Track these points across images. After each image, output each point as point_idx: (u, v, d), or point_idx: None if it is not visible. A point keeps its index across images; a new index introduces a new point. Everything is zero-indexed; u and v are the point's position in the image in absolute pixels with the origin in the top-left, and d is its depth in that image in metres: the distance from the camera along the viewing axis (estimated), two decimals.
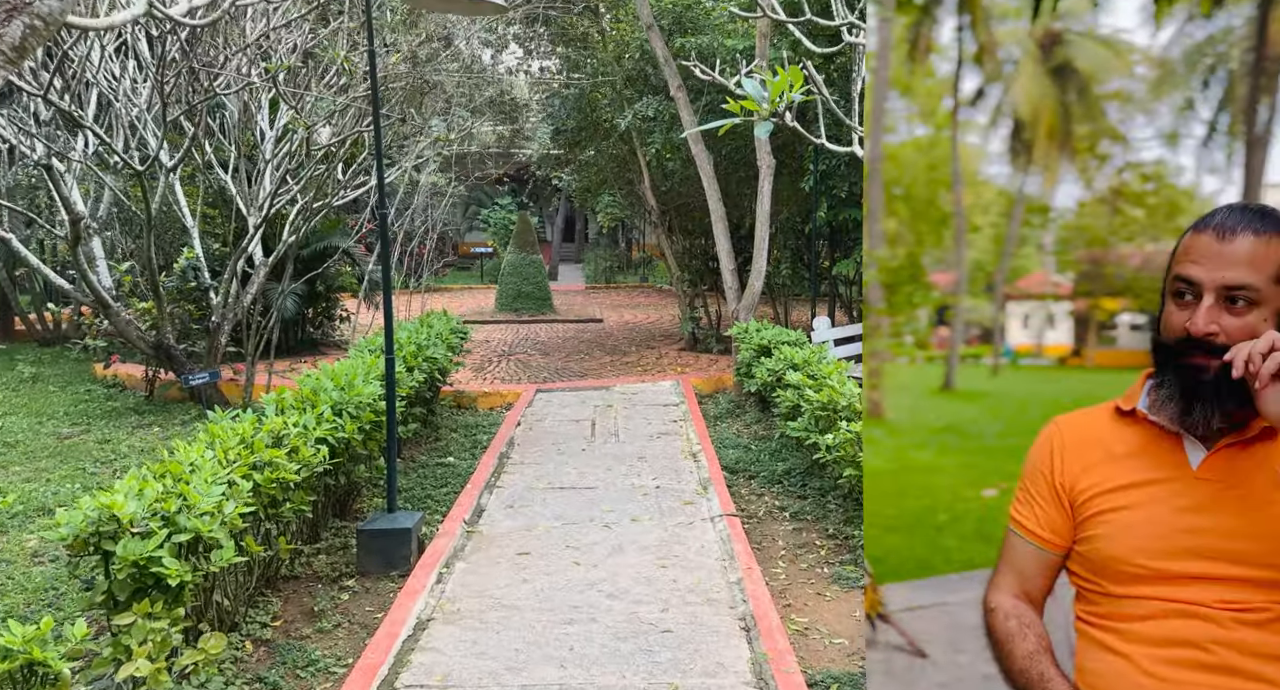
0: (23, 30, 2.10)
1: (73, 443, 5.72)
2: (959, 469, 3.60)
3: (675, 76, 7.84)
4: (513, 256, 15.58)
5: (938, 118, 2.21)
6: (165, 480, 2.85)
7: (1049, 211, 2.35)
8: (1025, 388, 2.82)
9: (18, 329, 9.94)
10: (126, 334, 6.33)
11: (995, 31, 2.18)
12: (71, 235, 5.69)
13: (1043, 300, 2.56)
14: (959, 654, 2.22)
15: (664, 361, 10.05)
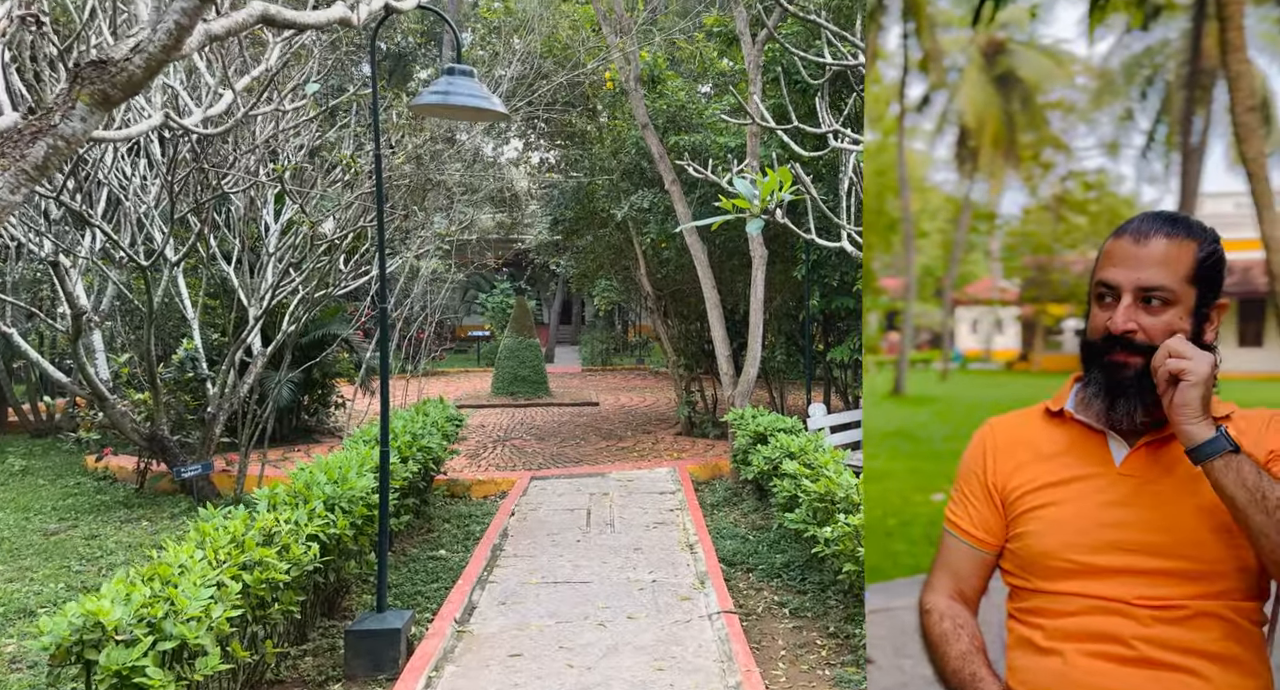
0: (46, 150, 2.22)
1: (59, 539, 5.63)
2: (908, 474, 3.58)
3: (670, 172, 8.14)
4: (510, 340, 15.72)
5: (885, 124, 2.24)
6: (153, 583, 2.81)
7: (995, 218, 2.40)
8: (974, 392, 2.85)
9: (10, 420, 9.90)
10: (121, 426, 6.32)
11: (940, 39, 2.24)
12: (73, 329, 5.76)
13: (990, 306, 2.61)
14: (904, 658, 2.19)
15: (660, 446, 10.01)
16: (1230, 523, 1.28)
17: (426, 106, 4.08)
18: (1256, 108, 1.93)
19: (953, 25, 2.32)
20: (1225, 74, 1.95)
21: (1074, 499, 1.40)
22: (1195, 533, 1.31)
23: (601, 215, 10.85)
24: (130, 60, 2.28)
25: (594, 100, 10.51)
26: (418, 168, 8.05)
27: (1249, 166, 1.92)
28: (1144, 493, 1.36)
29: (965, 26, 2.31)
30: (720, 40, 9.47)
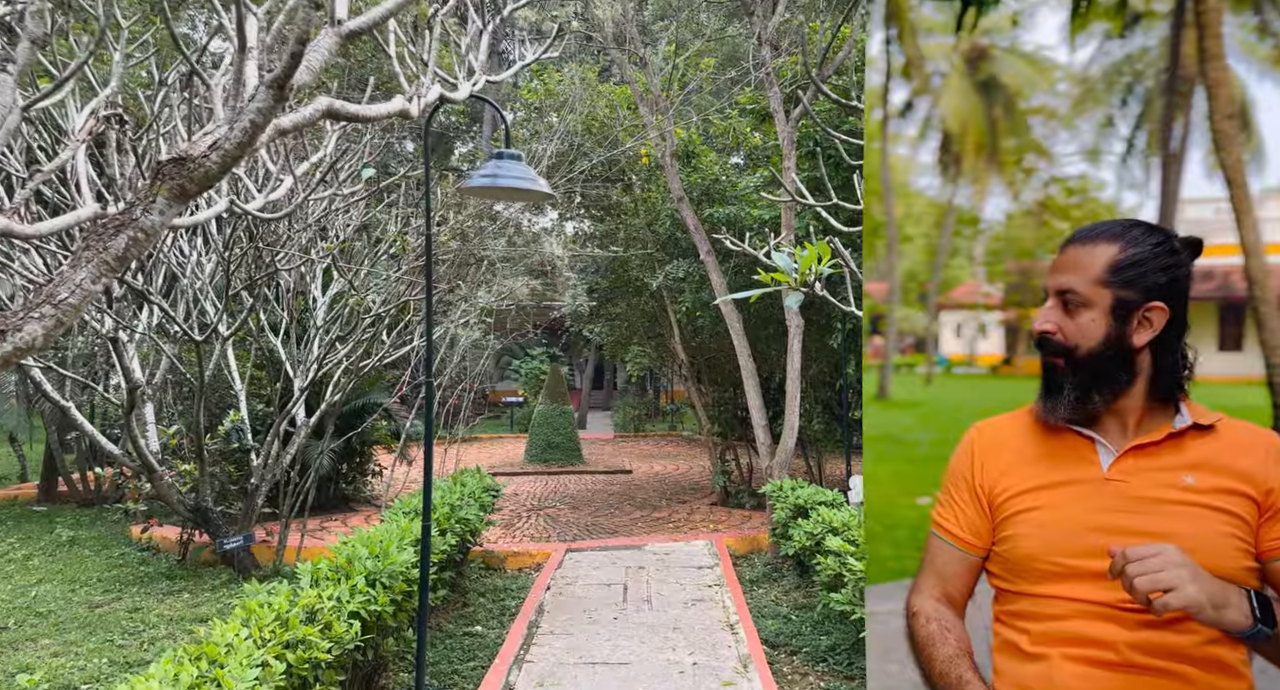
0: (127, 242, 2.34)
1: (104, 612, 5.66)
2: (893, 478, 3.50)
3: (704, 242, 8.27)
4: (543, 407, 15.79)
5: (868, 129, 2.26)
6: (200, 663, 2.81)
7: (979, 223, 2.38)
8: (958, 396, 2.81)
9: (60, 489, 10.10)
10: (168, 498, 6.42)
11: (923, 45, 2.27)
12: (128, 402, 5.93)
13: (974, 310, 2.59)
14: (889, 663, 2.18)
15: (695, 517, 9.86)
16: (1218, 530, 1.32)
17: (476, 188, 4.24)
18: (1235, 115, 1.95)
19: (935, 31, 2.37)
20: (1204, 81, 1.98)
21: (1061, 503, 1.41)
22: (1181, 539, 1.29)
23: (635, 284, 11.01)
24: (208, 157, 2.42)
25: (629, 174, 10.80)
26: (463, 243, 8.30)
27: (1228, 173, 1.94)
28: (1131, 498, 1.37)
29: (948, 33, 2.36)
30: (753, 117, 9.75)
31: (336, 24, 2.62)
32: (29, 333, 2.15)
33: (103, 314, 5.80)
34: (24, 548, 7.43)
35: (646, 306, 11.47)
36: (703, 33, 10.59)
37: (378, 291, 7.20)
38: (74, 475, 9.99)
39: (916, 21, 2.37)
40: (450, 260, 8.49)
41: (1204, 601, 1.23)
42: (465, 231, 8.33)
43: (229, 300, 6.01)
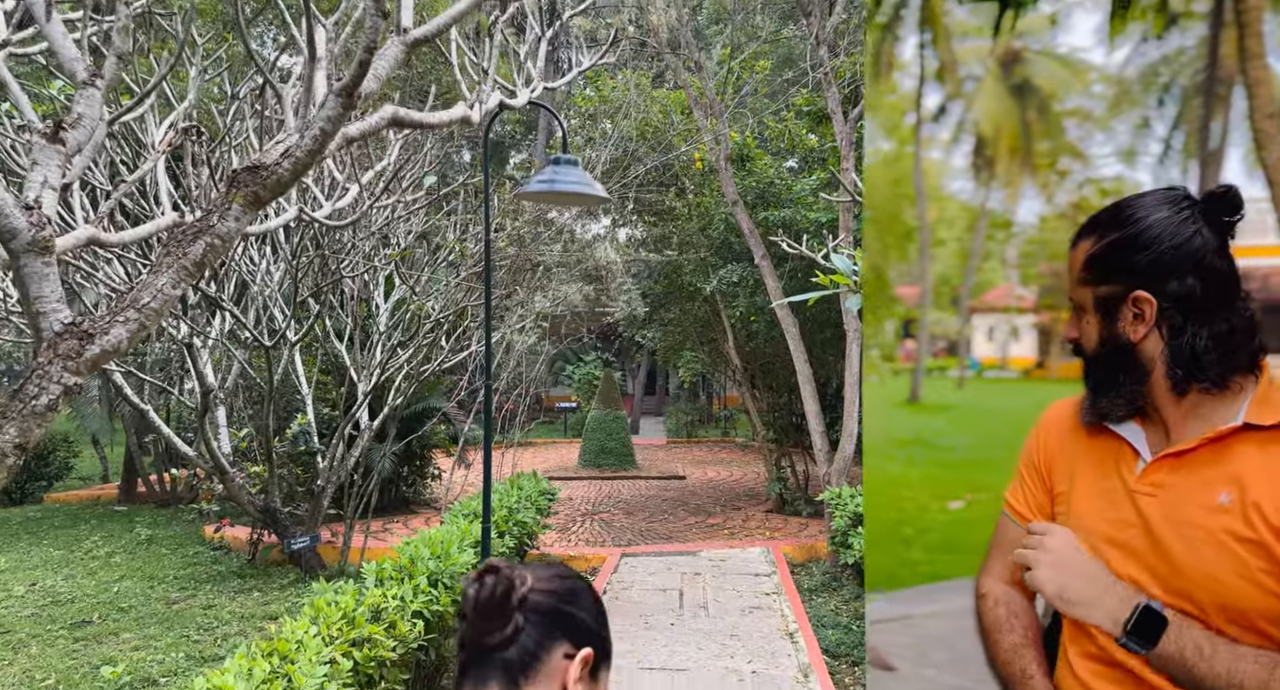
0: (204, 248, 2.43)
1: (180, 608, 5.88)
2: (925, 481, 3.41)
3: (759, 246, 8.20)
4: (597, 413, 15.86)
5: (901, 133, 2.23)
6: (272, 659, 2.88)
7: (1012, 226, 2.33)
8: (991, 400, 2.76)
9: (139, 490, 10.55)
10: (238, 499, 6.64)
11: (956, 49, 2.22)
12: (201, 406, 6.16)
13: (1007, 313, 2.54)
14: (925, 667, 2.15)
15: (751, 524, 9.75)
16: (1241, 564, 1.14)
17: (534, 193, 4.28)
18: (1276, 114, 1.88)
19: (969, 35, 2.35)
20: (1244, 80, 1.92)
21: (1084, 512, 1.33)
22: (1205, 564, 1.16)
23: (689, 289, 10.98)
24: (280, 164, 2.49)
25: (683, 179, 10.79)
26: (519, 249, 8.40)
27: (1269, 172, 1.87)
28: (1154, 515, 1.24)
29: (982, 36, 2.32)
30: (810, 119, 9.64)
31: (402, 33, 2.68)
32: (115, 336, 2.24)
33: (178, 320, 6.03)
34: (106, 546, 7.77)
35: (700, 311, 11.43)
36: (758, 35, 10.53)
37: (437, 298, 7.34)
38: (151, 477, 10.43)
39: (951, 26, 2.36)
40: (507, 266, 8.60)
41: (1053, 593, 1.18)
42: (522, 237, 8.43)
43: (296, 307, 6.19)
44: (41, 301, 2.13)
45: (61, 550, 7.60)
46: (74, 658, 4.83)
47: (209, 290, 5.60)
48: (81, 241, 2.67)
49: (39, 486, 10.80)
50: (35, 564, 7.11)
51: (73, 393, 2.17)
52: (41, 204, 2.19)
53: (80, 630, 5.33)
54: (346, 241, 6.33)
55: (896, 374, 2.69)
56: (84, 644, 5.08)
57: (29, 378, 2.11)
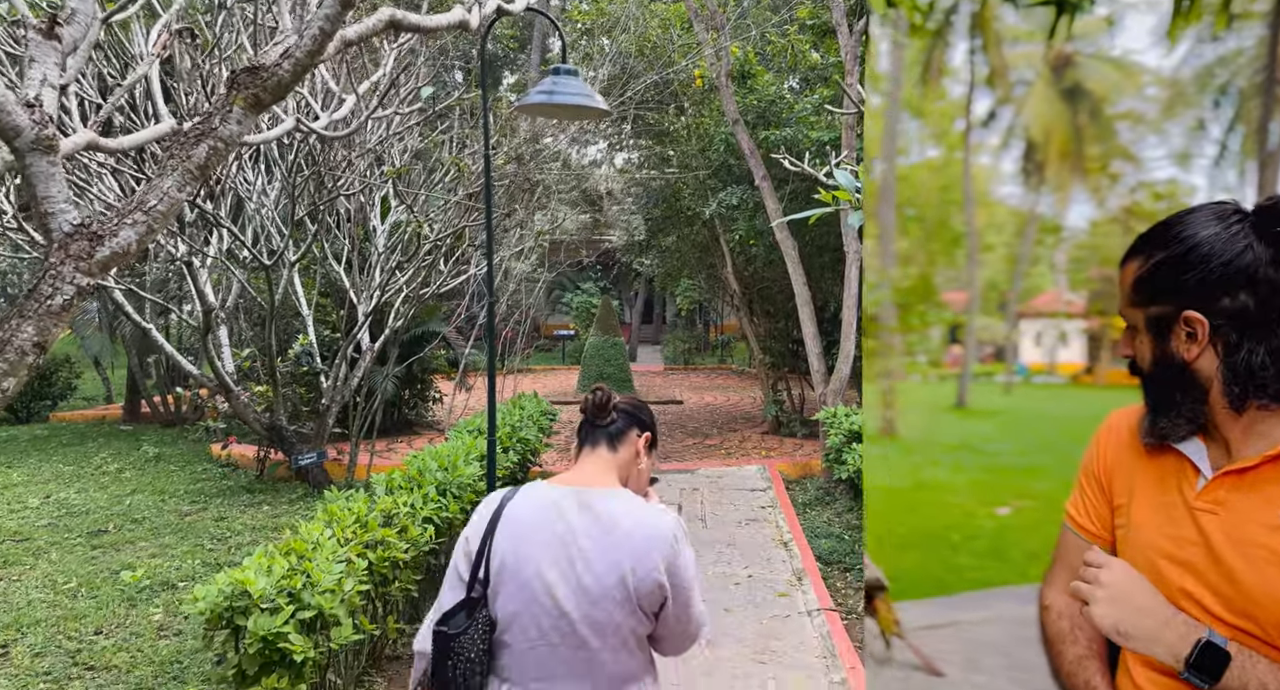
0: (207, 151, 2.41)
1: (192, 520, 6.05)
2: (972, 487, 3.34)
3: (760, 167, 8.10)
4: (595, 339, 15.95)
5: (950, 139, 2.24)
6: (290, 558, 3.00)
7: (1061, 231, 2.34)
8: (1038, 406, 2.76)
9: (143, 411, 10.69)
10: (244, 416, 6.75)
11: (1007, 54, 2.21)
12: (204, 325, 6.19)
13: (1055, 318, 2.54)
14: (976, 673, 2.16)
15: (747, 445, 9.97)
16: None
17: (533, 106, 4.20)
18: None
19: (1020, 40, 2.32)
20: None
21: (1144, 526, 1.29)
22: (1268, 584, 1.13)
23: (688, 214, 10.87)
24: (280, 66, 2.45)
25: (682, 97, 10.55)
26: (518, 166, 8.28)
27: None
28: (1216, 533, 1.20)
29: (1033, 41, 2.29)
30: (813, 33, 9.36)
31: None
32: (124, 238, 2.25)
33: (176, 238, 6.00)
34: (115, 462, 7.93)
35: (698, 237, 11.35)
36: None
37: (435, 219, 7.28)
38: (155, 398, 10.55)
39: (1001, 31, 2.30)
40: (505, 186, 8.50)
41: (1110, 627, 1.15)
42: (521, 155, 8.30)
43: (294, 227, 6.15)
44: (49, 201, 2.13)
45: (71, 466, 7.76)
46: (93, 564, 5.01)
47: (206, 207, 5.55)
48: (81, 145, 2.64)
49: (44, 406, 10.93)
50: (47, 478, 7.27)
51: (86, 294, 2.19)
52: (42, 102, 2.16)
53: (97, 539, 5.51)
54: (342, 159, 6.24)
55: (943, 379, 2.67)
56: (102, 551, 5.26)
57: (42, 278, 2.13)
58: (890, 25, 2.16)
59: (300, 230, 7.19)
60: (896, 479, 2.98)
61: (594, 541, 1.48)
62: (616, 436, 1.70)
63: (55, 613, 4.22)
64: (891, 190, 2.51)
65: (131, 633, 4.01)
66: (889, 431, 3.62)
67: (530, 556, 1.48)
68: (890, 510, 3.72)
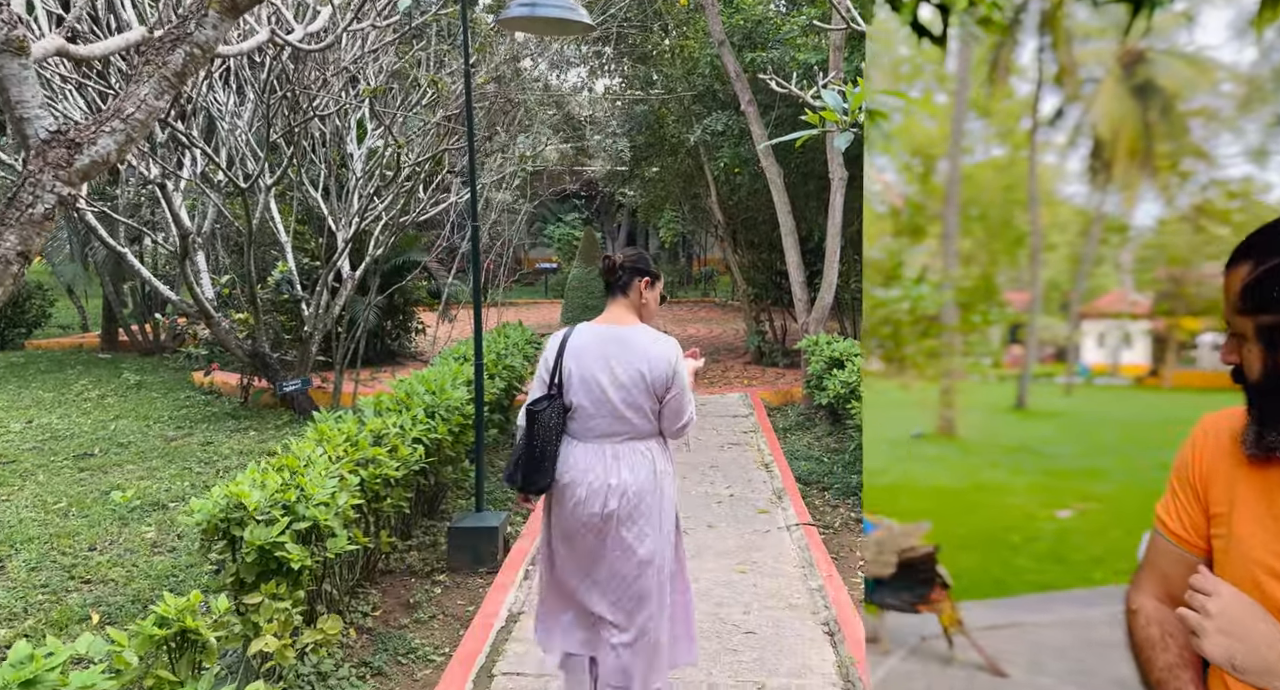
0: (184, 58, 2.33)
1: (178, 445, 6.09)
2: (1032, 489, 3.52)
3: (746, 91, 7.95)
4: (578, 271, 15.87)
5: (1015, 138, 2.23)
6: (283, 473, 3.05)
7: (1128, 230, 2.33)
8: (1100, 408, 2.79)
9: (121, 340, 10.58)
10: (226, 343, 6.71)
11: (1077, 51, 2.17)
12: (180, 249, 6.09)
13: (1119, 319, 2.54)
14: (1041, 675, 2.24)
15: (730, 374, 10.09)
16: None
17: (514, 20, 4.07)
18: None
19: (1091, 37, 2.24)
20: None
21: (1245, 537, 1.24)
22: None
23: (671, 141, 10.70)
24: None
25: (666, 17, 10.24)
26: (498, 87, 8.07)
27: None
28: None
29: (1104, 38, 2.21)
30: None
31: None
32: (103, 146, 2.20)
33: (147, 159, 5.84)
34: (97, 389, 7.91)
35: (682, 166, 11.20)
36: None
37: (413, 143, 7.12)
38: (133, 327, 10.44)
39: (1071, 28, 2.19)
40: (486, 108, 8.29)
41: (1223, 659, 1.10)
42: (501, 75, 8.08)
43: (269, 150, 5.99)
44: (23, 106, 2.07)
45: (52, 393, 7.73)
46: (81, 485, 5.06)
47: (178, 127, 5.38)
48: (50, 51, 2.54)
49: (18, 333, 10.79)
50: (27, 404, 7.25)
51: (67, 203, 2.16)
52: (9, 2, 2.08)
53: (84, 462, 5.55)
54: (316, 79, 6.04)
55: (1003, 380, 2.63)
56: (89, 474, 5.30)
57: (21, 186, 2.09)
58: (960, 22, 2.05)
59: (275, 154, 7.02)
60: (955, 479, 2.98)
61: (624, 357, 2.38)
62: (626, 286, 2.49)
63: (48, 531, 4.29)
64: (956, 190, 2.50)
65: (125, 549, 4.09)
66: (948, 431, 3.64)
67: (588, 368, 2.39)
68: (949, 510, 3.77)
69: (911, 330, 4.50)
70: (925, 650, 2.47)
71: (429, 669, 3.07)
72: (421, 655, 3.16)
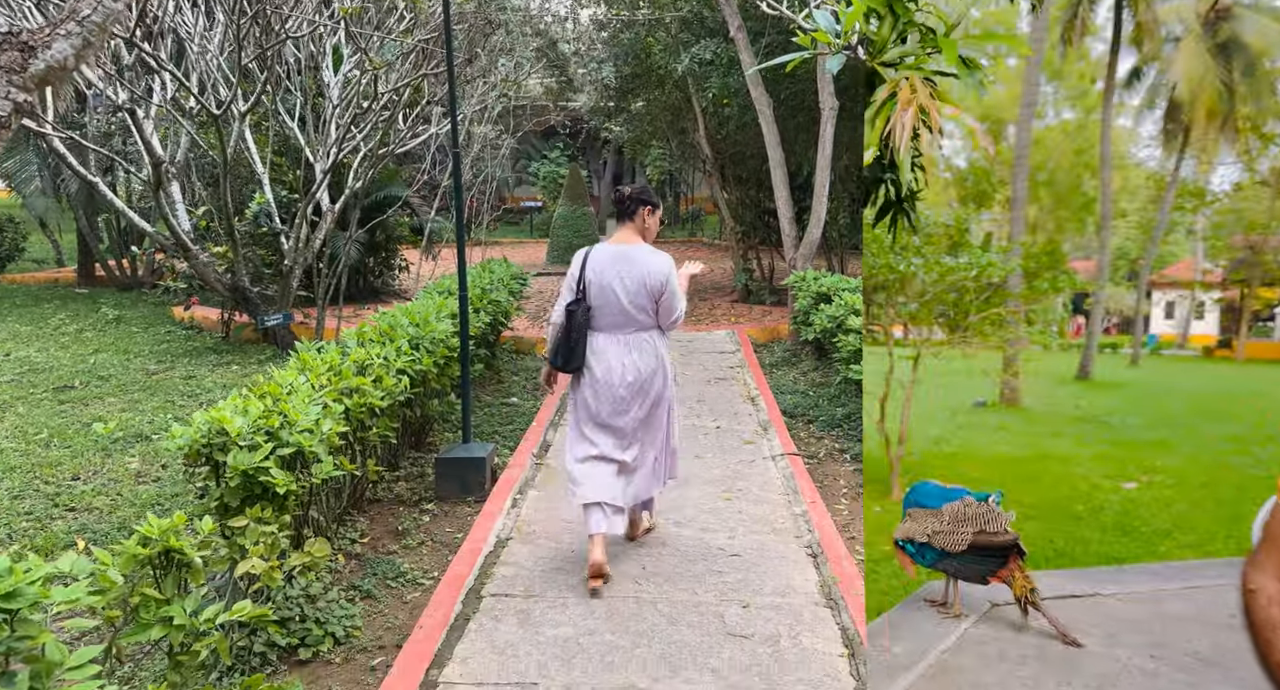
0: None
1: (160, 378, 6.03)
2: (1096, 460, 3.38)
3: (735, 16, 7.70)
4: (564, 209, 15.64)
5: (1088, 101, 2.16)
6: (266, 400, 3.02)
7: (1204, 195, 2.25)
8: (1167, 379, 2.76)
9: (98, 275, 10.38)
10: (205, 276, 6.59)
11: (1157, 8, 2.07)
12: (154, 179, 5.91)
13: (1190, 288, 2.48)
14: (1117, 647, 2.20)
15: (717, 312, 10.08)
16: None
17: None
18: None
19: None
20: None
21: None
22: None
23: (659, 72, 10.40)
24: None
25: None
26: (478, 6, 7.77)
27: None
28: None
29: None
30: None
31: None
32: (59, 51, 2.08)
33: (115, 84, 5.61)
34: (75, 323, 7.78)
35: (670, 98, 10.93)
36: None
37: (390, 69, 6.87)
38: (110, 262, 10.23)
39: None
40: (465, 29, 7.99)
41: None
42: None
43: (241, 75, 5.76)
44: None
45: (29, 326, 7.61)
46: (62, 417, 5.01)
47: (145, 48, 5.15)
48: None
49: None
50: (3, 337, 7.14)
51: (23, 111, 2.05)
52: None
53: (64, 394, 5.49)
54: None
55: (1066, 349, 2.58)
56: (70, 406, 5.25)
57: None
58: None
59: (249, 81, 6.76)
60: (1018, 448, 2.97)
61: (630, 269, 3.09)
62: (634, 213, 3.20)
63: (29, 460, 4.26)
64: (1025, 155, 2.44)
65: (109, 479, 4.07)
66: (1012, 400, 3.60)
67: (604, 278, 3.10)
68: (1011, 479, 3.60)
69: (976, 298, 4.51)
70: (996, 617, 2.44)
71: (418, 592, 3.10)
72: (410, 579, 3.19)
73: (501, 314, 6.36)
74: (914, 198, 1.87)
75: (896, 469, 5.31)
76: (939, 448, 6.27)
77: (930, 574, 2.53)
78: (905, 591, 3.10)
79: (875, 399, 4.78)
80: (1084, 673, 2.04)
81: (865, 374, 5.06)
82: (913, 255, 5.14)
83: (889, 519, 4.28)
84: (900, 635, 2.37)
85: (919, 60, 1.66)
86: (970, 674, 2.07)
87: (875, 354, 4.79)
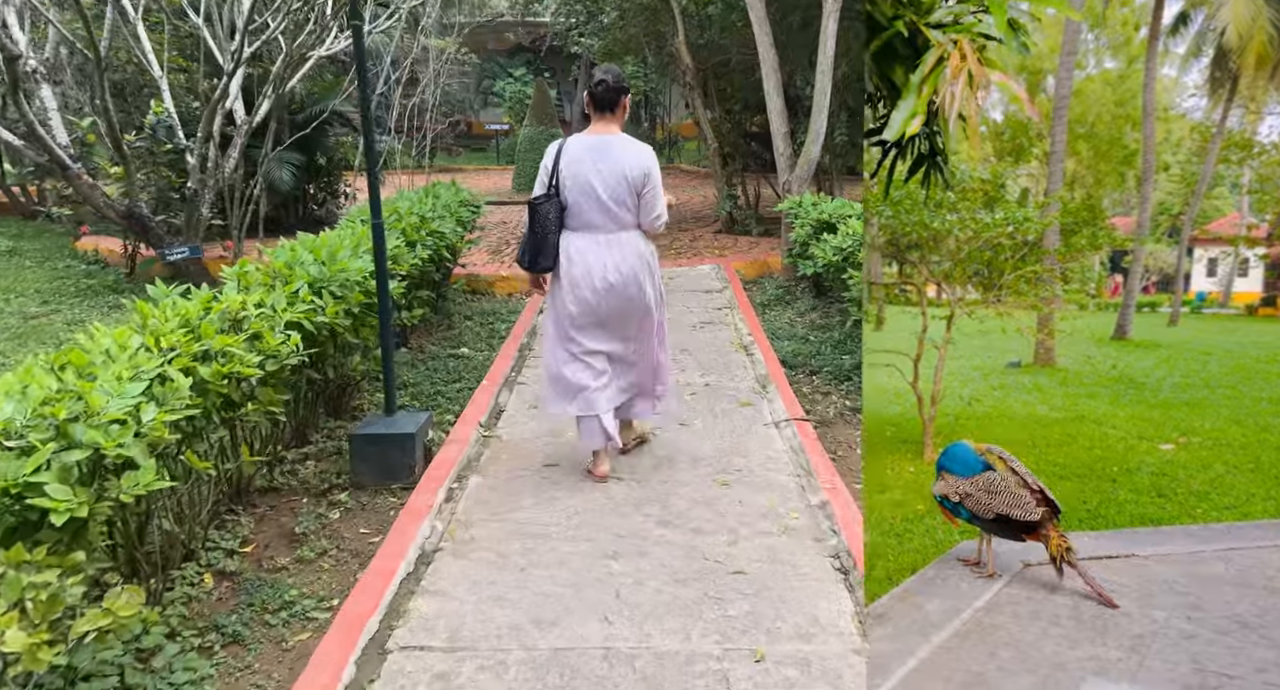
0: None
1: (38, 324, 5.04)
2: (1132, 421, 3.40)
3: None
4: (530, 130, 14.36)
5: (1131, 50, 1.53)
6: (66, 374, 2.09)
7: (1251, 147, 1.68)
8: (1207, 338, 2.66)
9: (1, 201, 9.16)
10: (92, 200, 5.50)
11: None
12: (9, 76, 4.75)
13: (1234, 244, 2.05)
14: (1154, 608, 2.12)
15: (699, 244, 9.14)
16: None
17: None
18: None
19: None
20: None
21: None
22: None
23: None
24: None
25: None
26: None
27: None
28: None
29: None
30: None
31: None
32: None
33: None
34: None
35: None
36: None
37: None
38: (14, 187, 9.01)
39: None
40: None
41: None
42: None
43: None
44: None
45: None
46: None
47: None
48: None
49: None
50: None
51: None
52: None
53: None
54: None
55: (1102, 309, 2.17)
56: None
57: None
58: None
59: None
60: (1052, 409, 3.06)
61: (609, 162, 2.94)
62: (613, 103, 2.99)
63: None
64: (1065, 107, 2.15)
65: None
66: (1047, 361, 3.89)
67: (581, 171, 2.95)
68: (1046, 440, 3.59)
69: (1012, 256, 4.15)
70: (1030, 576, 2.36)
71: (306, 632, 2.25)
72: (298, 611, 2.34)
73: (446, 248, 5.34)
74: (947, 153, 1.76)
75: (929, 430, 4.56)
76: (972, 408, 5.57)
77: (968, 531, 2.49)
78: (938, 551, 3.02)
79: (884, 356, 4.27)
80: (1119, 633, 2.00)
81: (865, 331, 4.40)
82: (947, 211, 4.54)
83: (924, 478, 3.84)
84: (934, 592, 2.30)
85: (968, 25, 1.50)
86: (1004, 632, 2.03)
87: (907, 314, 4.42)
